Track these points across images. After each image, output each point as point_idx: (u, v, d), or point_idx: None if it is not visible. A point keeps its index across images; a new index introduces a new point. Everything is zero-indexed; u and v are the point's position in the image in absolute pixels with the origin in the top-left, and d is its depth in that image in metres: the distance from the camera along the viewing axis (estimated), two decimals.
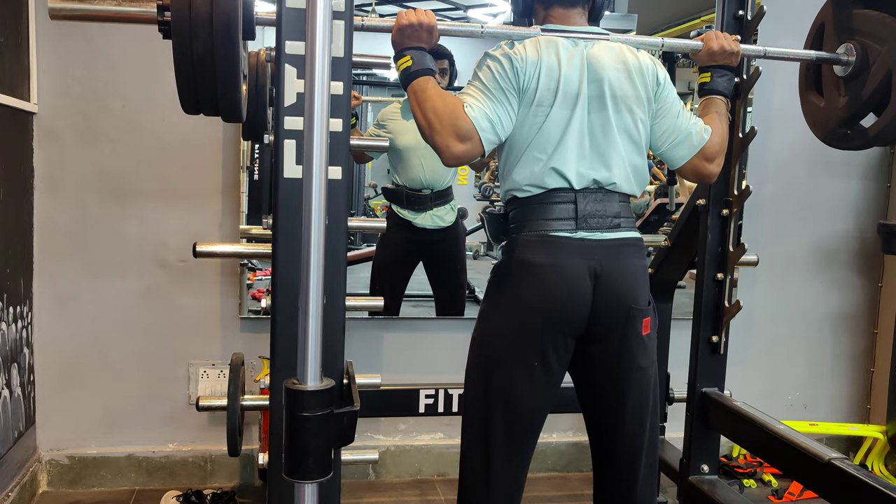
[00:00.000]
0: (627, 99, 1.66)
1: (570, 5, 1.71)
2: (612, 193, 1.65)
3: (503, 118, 1.59)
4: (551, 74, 1.61)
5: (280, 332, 1.57)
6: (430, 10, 1.63)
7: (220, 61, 1.21)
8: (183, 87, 1.23)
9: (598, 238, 1.62)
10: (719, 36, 1.79)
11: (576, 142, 1.62)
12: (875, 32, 1.77)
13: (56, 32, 2.46)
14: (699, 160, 1.73)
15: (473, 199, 3.69)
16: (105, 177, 2.55)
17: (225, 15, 1.19)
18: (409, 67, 1.61)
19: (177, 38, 1.19)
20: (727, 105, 1.82)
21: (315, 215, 1.06)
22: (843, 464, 1.75)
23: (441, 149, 1.57)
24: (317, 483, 1.11)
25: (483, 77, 1.62)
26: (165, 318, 2.64)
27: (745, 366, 2.95)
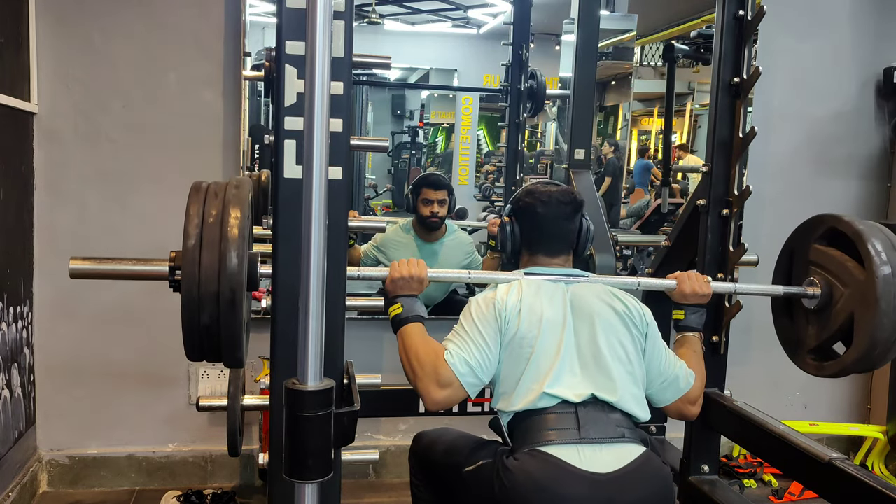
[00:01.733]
0: (618, 333, 1.67)
1: (555, 253, 1.79)
2: (614, 408, 1.61)
3: (483, 362, 1.62)
4: (533, 316, 1.64)
5: (280, 332, 1.57)
6: (421, 261, 1.73)
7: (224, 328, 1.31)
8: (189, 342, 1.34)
9: (607, 472, 1.52)
10: (691, 277, 1.88)
11: (567, 368, 1.62)
12: (838, 273, 1.83)
13: (56, 33, 2.46)
14: (683, 403, 1.77)
15: (473, 199, 3.69)
16: (105, 177, 2.55)
17: (230, 293, 1.28)
18: (400, 314, 1.70)
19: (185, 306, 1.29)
20: (701, 339, 1.91)
21: (315, 215, 1.06)
22: (844, 464, 1.74)
23: (423, 395, 1.62)
24: (317, 483, 1.11)
25: (465, 323, 1.67)
26: (165, 317, 2.63)
27: (745, 366, 2.94)
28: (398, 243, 2.92)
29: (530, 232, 1.80)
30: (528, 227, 1.80)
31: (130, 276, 1.51)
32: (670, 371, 1.75)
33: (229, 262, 1.28)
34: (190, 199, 1.35)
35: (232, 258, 1.28)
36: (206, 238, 1.30)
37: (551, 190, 1.81)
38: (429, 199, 2.84)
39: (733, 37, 2.18)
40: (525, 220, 1.80)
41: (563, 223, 1.80)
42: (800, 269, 1.96)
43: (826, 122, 3.05)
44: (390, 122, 3.92)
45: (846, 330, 1.81)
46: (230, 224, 1.30)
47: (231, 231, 1.30)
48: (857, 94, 3.06)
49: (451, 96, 3.77)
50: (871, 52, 3.04)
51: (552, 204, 1.78)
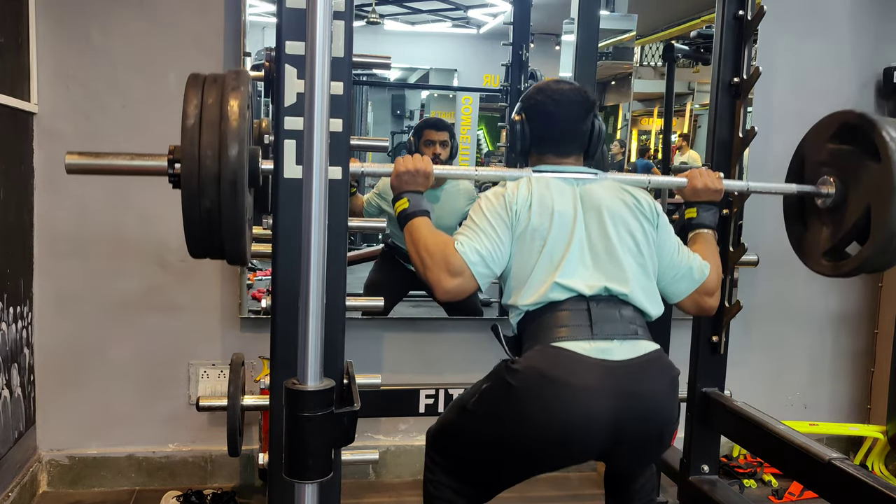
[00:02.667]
0: (629, 225, 1.65)
1: (565, 154, 1.75)
2: (626, 303, 1.59)
3: (494, 252, 1.60)
4: (544, 208, 1.62)
5: (280, 332, 1.57)
6: (426, 157, 1.70)
7: (226, 216, 1.26)
8: (190, 234, 1.29)
9: (618, 359, 1.51)
10: (703, 174, 1.84)
11: (578, 259, 1.60)
12: (852, 167, 1.81)
13: (56, 33, 2.46)
14: (699, 295, 1.74)
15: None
16: (105, 177, 2.55)
17: (232, 174, 1.23)
18: (406, 209, 1.68)
19: (185, 192, 1.24)
20: (715, 236, 1.86)
21: (315, 215, 1.06)
22: (844, 464, 1.75)
23: (433, 284, 1.59)
24: (317, 483, 1.11)
25: (475, 216, 1.65)
26: (165, 318, 2.64)
27: (745, 366, 2.94)
28: None
29: (541, 131, 1.74)
30: (539, 126, 1.74)
31: (127, 171, 1.44)
32: (683, 263, 1.72)
33: (231, 142, 1.22)
34: (188, 85, 1.29)
35: (233, 139, 1.23)
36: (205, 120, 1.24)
37: (563, 88, 1.76)
38: (431, 141, 2.83)
39: (733, 37, 2.18)
40: (536, 119, 1.74)
41: (575, 123, 1.74)
42: (812, 171, 1.92)
43: None
44: (390, 122, 3.91)
45: (861, 227, 1.77)
46: (230, 105, 1.24)
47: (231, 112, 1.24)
48: (857, 94, 3.06)
49: (451, 96, 3.77)
50: (871, 52, 3.04)
51: (564, 103, 1.73)
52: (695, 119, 4.16)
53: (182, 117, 1.24)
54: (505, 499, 1.73)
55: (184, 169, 1.23)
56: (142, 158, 1.40)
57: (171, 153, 1.33)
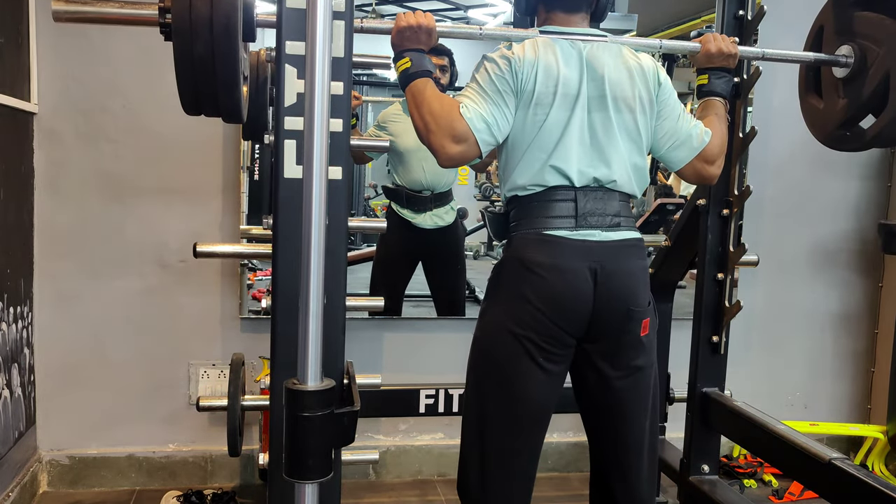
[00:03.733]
0: (628, 99, 1.65)
1: (573, 10, 1.71)
2: (613, 192, 1.64)
3: (499, 119, 1.59)
4: (549, 74, 1.61)
5: (280, 332, 1.57)
6: (428, 13, 1.63)
7: (220, 62, 1.22)
8: (184, 87, 1.24)
9: (598, 239, 1.60)
10: (717, 38, 1.78)
11: (576, 140, 1.61)
12: (873, 34, 1.77)
13: (56, 33, 2.46)
14: (699, 162, 1.73)
15: (474, 199, 3.69)
16: (105, 177, 2.55)
17: (225, 17, 1.20)
18: (408, 69, 1.62)
19: (178, 39, 1.20)
20: (726, 106, 1.82)
21: (315, 215, 1.06)
22: (844, 464, 1.75)
23: (436, 149, 1.57)
24: (317, 483, 1.11)
25: (480, 79, 1.62)
26: (166, 318, 2.64)
27: (745, 366, 2.94)
28: (398, 115, 2.90)
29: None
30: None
31: (117, 19, 1.38)
32: (683, 129, 1.71)
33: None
34: None
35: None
36: None
37: None
38: None
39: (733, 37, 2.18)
40: None
41: None
42: (830, 42, 1.88)
43: None
44: None
45: (880, 96, 1.74)
46: None
47: None
48: None
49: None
50: None
51: None
52: None
53: None
54: None
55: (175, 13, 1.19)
56: (132, 7, 1.35)
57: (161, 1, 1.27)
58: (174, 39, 1.21)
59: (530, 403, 1.64)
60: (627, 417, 1.69)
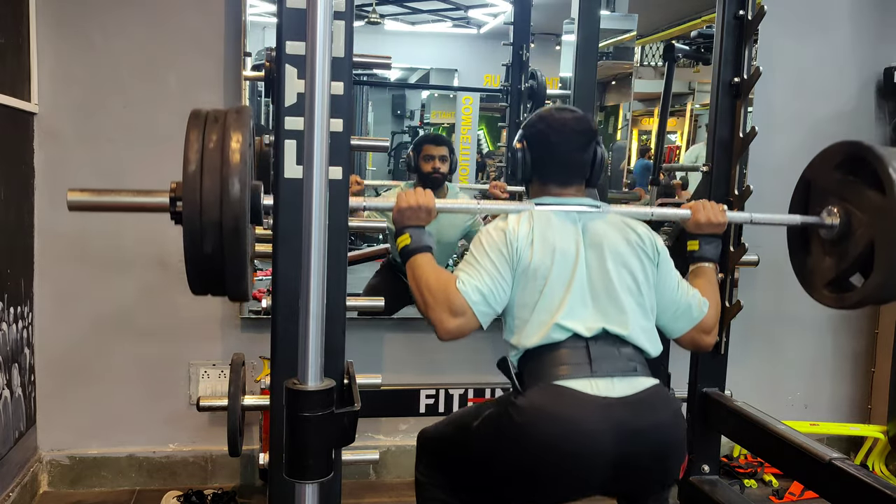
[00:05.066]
0: (629, 264, 1.65)
1: (566, 183, 1.74)
2: (625, 342, 1.60)
3: (496, 290, 1.59)
4: (545, 245, 1.61)
5: (281, 333, 1.57)
6: (428, 190, 1.70)
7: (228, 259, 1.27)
8: (192, 275, 1.30)
9: (618, 396, 1.52)
10: (706, 206, 1.83)
11: (579, 301, 1.60)
12: (858, 201, 1.79)
13: (56, 33, 2.46)
14: (697, 332, 1.73)
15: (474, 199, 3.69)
16: (105, 177, 2.55)
17: (233, 220, 1.24)
18: (408, 245, 1.67)
19: (187, 236, 1.25)
20: (716, 270, 1.85)
21: (315, 215, 1.06)
22: (844, 464, 1.75)
23: (435, 324, 1.59)
24: (317, 483, 1.11)
25: (476, 252, 1.64)
26: (166, 318, 2.64)
27: (745, 366, 2.94)
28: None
29: (542, 161, 1.73)
30: (541, 156, 1.73)
31: (130, 207, 1.47)
32: (682, 300, 1.71)
33: (232, 188, 1.23)
34: (189, 125, 1.30)
35: (234, 184, 1.23)
36: (206, 165, 1.24)
37: (566, 117, 1.74)
38: (430, 156, 2.83)
39: (733, 37, 2.18)
40: (537, 148, 1.73)
41: (577, 153, 1.72)
42: (817, 199, 1.90)
43: (826, 122, 3.05)
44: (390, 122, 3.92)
45: (865, 260, 1.76)
46: (231, 149, 1.25)
47: (233, 156, 1.24)
48: (858, 94, 3.06)
49: (451, 96, 3.77)
50: (871, 52, 3.03)
51: (566, 133, 1.71)
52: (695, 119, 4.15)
53: (183, 162, 1.26)
54: None
55: (186, 214, 1.25)
56: (144, 195, 1.43)
57: (172, 191, 1.34)
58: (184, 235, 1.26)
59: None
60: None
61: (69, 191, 1.45)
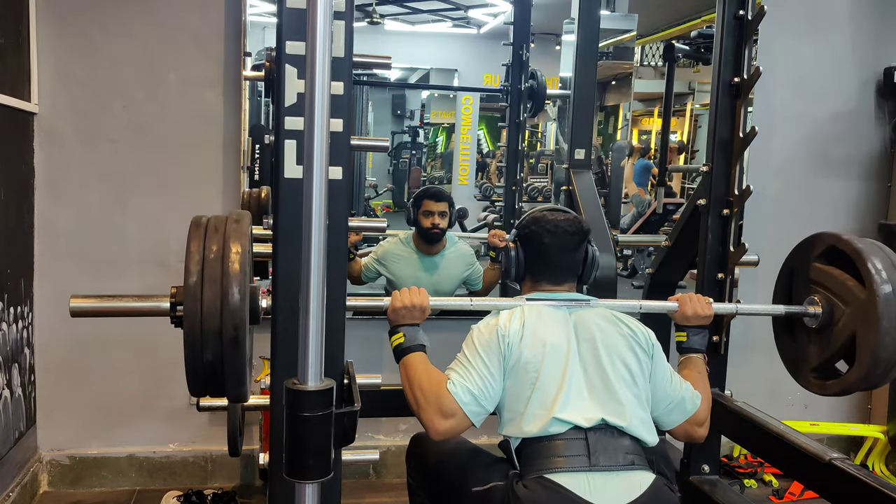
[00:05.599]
0: (623, 356, 1.66)
1: (559, 282, 1.77)
2: (623, 434, 1.60)
3: (486, 390, 1.60)
4: (536, 341, 1.62)
5: (281, 332, 1.57)
6: (423, 290, 1.73)
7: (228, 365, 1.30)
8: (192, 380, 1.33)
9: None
10: (693, 299, 1.86)
11: (575, 392, 1.60)
12: (839, 292, 1.82)
13: (56, 33, 2.46)
14: (690, 425, 1.75)
15: (474, 199, 3.69)
16: (105, 177, 2.55)
17: (233, 330, 1.28)
18: (402, 344, 1.70)
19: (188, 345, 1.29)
20: (705, 360, 1.88)
21: (315, 215, 1.06)
22: (844, 464, 1.74)
23: (426, 425, 1.61)
24: (317, 483, 1.11)
25: (467, 351, 1.66)
26: (166, 317, 2.63)
27: (745, 366, 2.94)
28: (399, 256, 2.92)
29: (535, 260, 1.78)
30: (533, 256, 1.78)
31: (131, 312, 1.55)
32: (676, 393, 1.73)
33: (231, 298, 1.28)
34: (190, 235, 1.36)
35: (234, 294, 1.28)
36: (207, 275, 1.30)
37: (559, 218, 1.79)
38: (430, 212, 2.84)
39: (733, 37, 2.18)
40: (530, 248, 1.78)
41: (570, 253, 1.78)
42: (800, 287, 1.95)
43: (826, 122, 3.05)
44: (390, 122, 3.92)
45: (848, 348, 1.80)
46: (231, 259, 1.31)
47: (232, 267, 1.30)
48: (858, 94, 3.06)
49: (451, 96, 3.78)
50: (871, 52, 3.04)
51: (559, 234, 1.76)
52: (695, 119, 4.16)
53: (184, 272, 1.31)
54: None
55: (186, 324, 1.29)
56: (145, 300, 1.49)
57: (172, 296, 1.39)
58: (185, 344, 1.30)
59: None
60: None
61: (72, 297, 1.52)
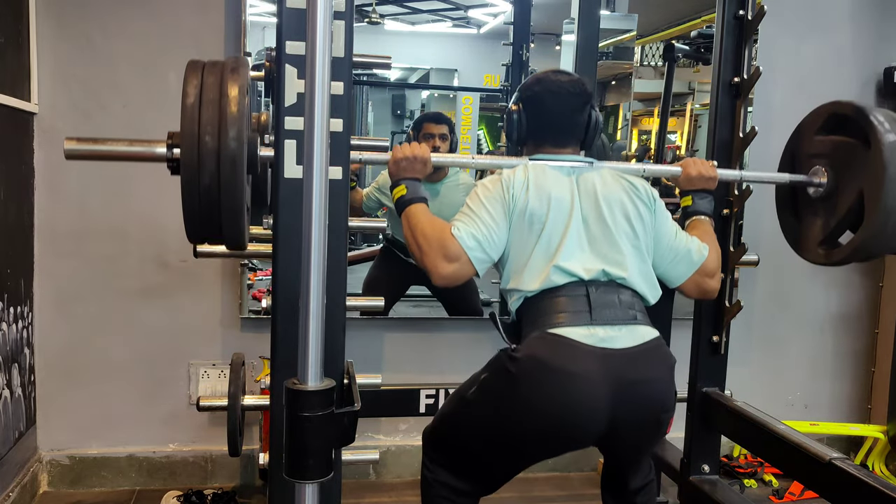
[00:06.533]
0: (625, 210, 1.67)
1: (562, 145, 1.75)
2: (624, 287, 1.61)
3: (491, 237, 1.60)
4: (541, 192, 1.63)
5: (280, 332, 1.57)
6: (423, 145, 1.71)
7: (225, 195, 1.26)
8: (189, 219, 1.29)
9: (618, 347, 1.53)
10: (697, 162, 1.85)
11: (576, 245, 1.61)
12: (843, 156, 1.82)
13: (56, 33, 2.46)
14: (700, 277, 1.74)
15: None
16: (105, 177, 2.55)
17: (231, 151, 1.24)
18: (404, 196, 1.68)
19: (185, 171, 1.25)
20: (713, 224, 1.86)
21: (315, 215, 1.06)
22: (844, 464, 1.74)
23: (430, 269, 1.60)
24: (317, 483, 1.11)
25: (471, 203, 1.65)
26: (166, 318, 2.64)
27: (745, 366, 2.94)
28: None
29: (538, 122, 1.74)
30: (536, 118, 1.74)
31: (126, 156, 1.45)
32: (681, 246, 1.72)
33: (229, 125, 1.23)
34: (187, 76, 1.30)
35: (232, 122, 1.23)
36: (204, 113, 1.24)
37: (561, 79, 1.75)
38: (430, 134, 2.82)
39: (733, 37, 2.18)
40: (533, 110, 1.74)
41: (572, 115, 1.74)
42: (803, 164, 1.93)
43: None
44: (390, 122, 3.91)
45: (855, 213, 1.77)
46: (230, 89, 1.26)
47: (230, 96, 1.25)
48: (858, 94, 3.06)
49: (451, 96, 3.77)
50: (871, 52, 3.04)
51: (562, 94, 1.73)
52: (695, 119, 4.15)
53: (182, 96, 1.25)
54: (505, 499, 1.73)
55: (183, 146, 1.24)
56: (140, 144, 1.40)
57: (169, 138, 1.33)
58: (181, 173, 1.25)
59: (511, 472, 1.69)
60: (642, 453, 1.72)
61: (66, 139, 1.43)
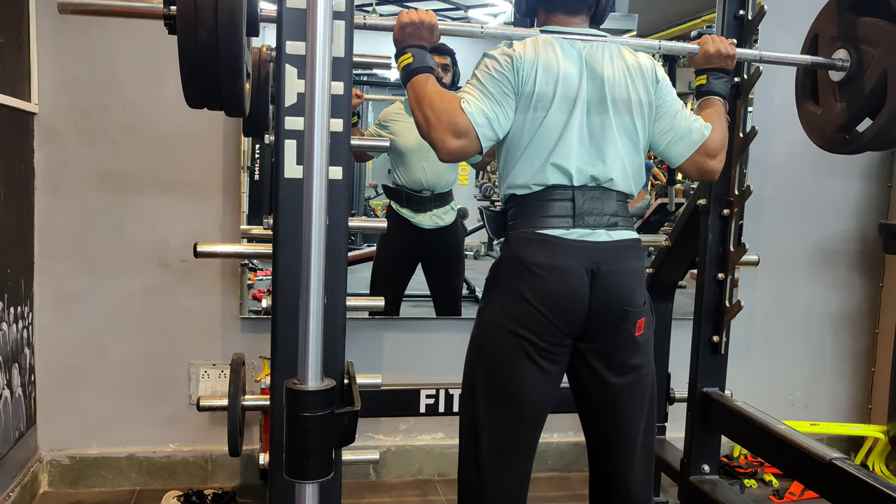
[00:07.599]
0: (627, 99, 1.67)
1: (573, 12, 1.72)
2: (610, 192, 1.65)
3: (500, 115, 1.60)
4: (549, 73, 1.62)
5: (281, 332, 1.57)
6: (430, 10, 1.64)
7: (223, 48, 1.22)
8: (187, 79, 1.25)
9: (595, 240, 1.62)
10: (715, 39, 1.79)
11: (576, 139, 1.63)
12: (868, 36, 1.78)
13: (56, 32, 2.46)
14: (700, 156, 1.73)
15: (474, 198, 3.69)
16: (105, 177, 2.55)
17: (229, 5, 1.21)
18: (410, 65, 1.62)
19: (182, 27, 1.21)
20: (725, 106, 1.82)
21: (315, 215, 1.06)
22: (845, 464, 1.74)
23: (437, 144, 1.57)
24: (317, 483, 1.11)
25: (480, 76, 1.63)
26: (166, 318, 2.64)
27: (745, 366, 2.94)
28: (400, 114, 2.91)
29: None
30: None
31: (122, 11, 1.42)
32: (682, 124, 1.72)
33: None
34: None
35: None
36: None
37: None
38: None
39: (733, 37, 2.18)
40: None
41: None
42: (826, 48, 1.89)
43: None
44: None
45: (878, 96, 1.74)
46: None
47: None
48: None
49: None
50: None
51: None
52: None
53: None
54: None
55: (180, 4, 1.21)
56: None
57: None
58: (178, 28, 1.22)
59: (527, 402, 1.65)
60: (623, 416, 1.69)
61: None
